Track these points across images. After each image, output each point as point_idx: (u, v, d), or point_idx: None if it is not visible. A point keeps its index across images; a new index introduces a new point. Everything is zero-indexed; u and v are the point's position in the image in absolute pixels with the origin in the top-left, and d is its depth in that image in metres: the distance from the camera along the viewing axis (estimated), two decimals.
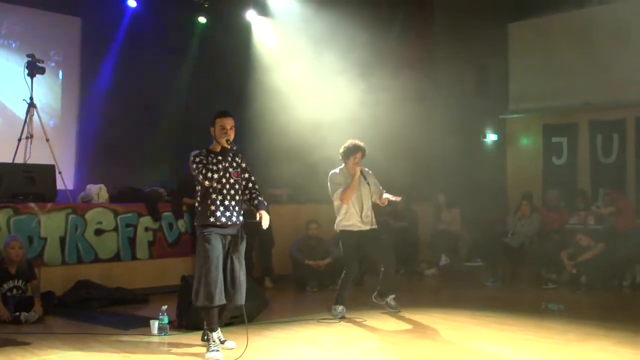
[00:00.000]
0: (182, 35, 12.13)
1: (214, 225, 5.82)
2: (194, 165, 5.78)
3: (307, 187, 11.02)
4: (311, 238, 10.06)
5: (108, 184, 9.60)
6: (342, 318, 7.44)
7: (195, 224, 6.03)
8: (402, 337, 6.72)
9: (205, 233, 5.81)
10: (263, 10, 12.35)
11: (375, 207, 7.68)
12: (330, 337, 6.67)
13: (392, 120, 10.40)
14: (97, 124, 11.25)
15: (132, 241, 9.17)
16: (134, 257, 9.17)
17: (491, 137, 14.30)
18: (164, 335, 6.54)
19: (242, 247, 5.99)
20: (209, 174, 5.71)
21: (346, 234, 7.56)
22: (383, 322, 7.31)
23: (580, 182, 12.52)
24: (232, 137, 5.87)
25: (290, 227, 10.53)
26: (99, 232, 8.89)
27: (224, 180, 5.89)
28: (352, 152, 7.54)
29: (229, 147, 5.82)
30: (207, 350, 5.78)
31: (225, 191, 5.89)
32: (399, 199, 7.59)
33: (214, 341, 5.87)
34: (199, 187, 5.92)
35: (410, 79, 11.52)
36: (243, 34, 12.41)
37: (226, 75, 12.06)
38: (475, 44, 13.04)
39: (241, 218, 5.99)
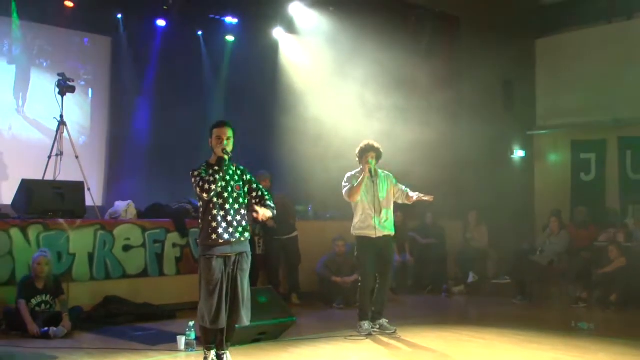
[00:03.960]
0: (211, 53, 12.19)
1: (216, 243, 5.56)
2: (192, 180, 5.55)
3: (333, 204, 10.96)
4: (338, 255, 10.00)
5: (136, 201, 9.60)
6: (369, 335, 7.35)
7: (197, 241, 5.81)
8: (430, 355, 6.62)
9: (207, 256, 5.55)
10: (290, 28, 12.36)
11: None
12: (356, 355, 6.61)
13: (420, 137, 10.36)
14: (126, 141, 11.39)
15: (159, 257, 9.13)
16: (161, 273, 9.12)
17: (519, 154, 14.16)
18: (191, 351, 6.50)
19: (248, 264, 5.71)
20: (206, 186, 5.44)
21: (363, 240, 7.50)
22: (410, 339, 7.21)
23: (609, 199, 12.35)
24: (229, 148, 5.61)
25: (317, 244, 10.45)
26: (126, 248, 8.86)
27: (225, 195, 5.61)
28: (364, 152, 7.53)
29: (225, 156, 5.56)
30: None
31: (228, 206, 5.61)
32: (431, 198, 7.45)
33: (212, 359, 5.73)
34: (201, 203, 5.69)
35: (438, 95, 11.50)
36: (271, 51, 12.46)
37: (255, 93, 12.10)
38: (503, 60, 12.95)
39: (247, 234, 5.71)
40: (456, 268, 11.86)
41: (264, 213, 5.70)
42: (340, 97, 10.89)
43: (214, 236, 5.54)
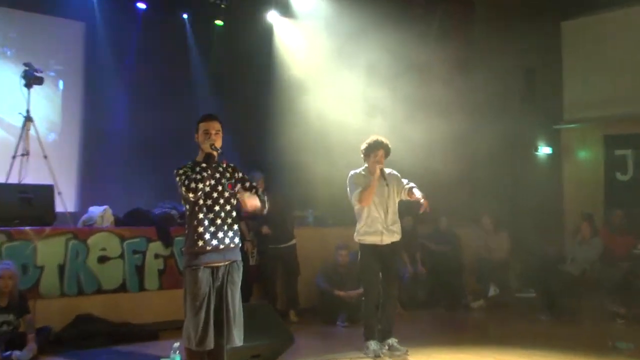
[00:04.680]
0: (198, 39, 12.22)
1: (203, 251, 5.50)
2: (177, 179, 5.49)
3: (336, 209, 10.94)
4: (341, 266, 9.96)
5: (113, 206, 9.55)
6: (377, 357, 7.28)
7: (182, 249, 5.79)
8: None
9: (193, 267, 5.48)
10: (286, 11, 12.30)
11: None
12: None
13: (432, 132, 10.29)
14: (102, 139, 11.30)
15: (140, 270, 9.10)
16: (142, 288, 9.09)
17: (544, 151, 14.18)
18: None
19: (239, 276, 5.65)
20: (192, 185, 5.37)
21: (367, 248, 7.43)
22: None
23: None
24: (218, 143, 5.60)
25: (318, 253, 10.43)
26: (102, 259, 8.81)
27: (215, 195, 5.59)
28: (372, 149, 7.44)
29: (213, 152, 5.54)
30: None
31: (217, 207, 5.59)
32: (425, 204, 7.22)
33: None
34: (187, 207, 5.64)
35: (451, 86, 11.40)
36: (265, 37, 12.45)
37: (247, 83, 12.13)
38: (524, 45, 12.91)
39: (237, 240, 5.70)
40: (474, 280, 11.80)
41: (251, 201, 5.64)
42: (343, 88, 10.83)
43: (200, 243, 5.50)
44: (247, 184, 5.80)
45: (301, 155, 10.53)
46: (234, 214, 5.69)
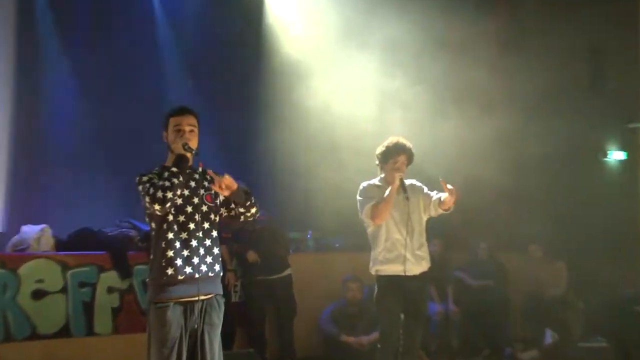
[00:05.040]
0: (169, 10, 12.31)
1: (173, 281, 5.42)
2: (140, 187, 5.41)
3: (344, 229, 11.05)
4: (350, 303, 10.05)
5: (54, 225, 9.55)
6: None
7: (146, 280, 5.77)
8: None
9: (160, 303, 5.39)
10: None
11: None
12: None
13: (465, 132, 10.41)
14: (39, 138, 11.34)
15: (88, 308, 9.07)
16: (90, 332, 9.07)
17: (616, 156, 14.12)
18: None
19: (219, 315, 5.60)
20: (159, 194, 5.26)
21: (386, 280, 7.31)
22: None
23: None
24: (193, 143, 5.56)
25: (320, 287, 10.40)
26: (38, 294, 8.77)
27: (189, 209, 5.54)
28: (391, 153, 7.35)
29: (187, 154, 5.50)
30: None
31: (192, 225, 5.52)
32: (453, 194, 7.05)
33: None
34: (153, 225, 5.57)
35: (492, 72, 11.39)
36: (253, 8, 12.51)
37: (230, 68, 12.21)
38: (588, 21, 12.77)
39: (218, 267, 5.62)
40: (525, 323, 11.81)
41: (225, 180, 5.41)
42: (353, 73, 10.89)
43: (169, 271, 5.41)
44: (232, 204, 5.75)
45: (299, 159, 10.72)
46: (214, 234, 5.64)
